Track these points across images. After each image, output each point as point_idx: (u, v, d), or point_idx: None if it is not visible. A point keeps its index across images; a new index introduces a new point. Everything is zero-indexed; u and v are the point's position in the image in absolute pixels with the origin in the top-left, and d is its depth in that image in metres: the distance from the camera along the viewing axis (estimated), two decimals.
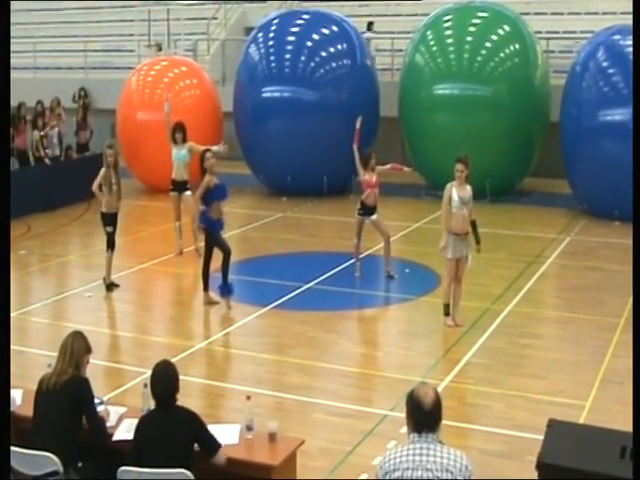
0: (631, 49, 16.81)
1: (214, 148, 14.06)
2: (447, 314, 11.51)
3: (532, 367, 10.28)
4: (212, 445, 6.12)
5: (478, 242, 11.32)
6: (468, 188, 11.25)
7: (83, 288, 13.38)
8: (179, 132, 15.49)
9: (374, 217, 13.68)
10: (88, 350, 6.66)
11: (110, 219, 13.32)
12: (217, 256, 12.38)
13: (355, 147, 13.71)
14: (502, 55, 19.79)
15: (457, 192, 11.14)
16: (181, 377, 6.19)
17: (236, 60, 22.11)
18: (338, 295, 13.16)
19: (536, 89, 19.86)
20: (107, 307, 12.77)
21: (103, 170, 13.12)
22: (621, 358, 10.16)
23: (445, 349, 10.86)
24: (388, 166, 13.88)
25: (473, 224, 11.30)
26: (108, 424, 6.62)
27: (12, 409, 6.74)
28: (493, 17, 20.38)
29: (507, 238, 16.26)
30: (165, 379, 6.05)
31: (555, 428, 6.14)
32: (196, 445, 6.06)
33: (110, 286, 13.28)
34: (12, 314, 12.01)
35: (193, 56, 25.53)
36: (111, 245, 13.37)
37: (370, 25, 24.43)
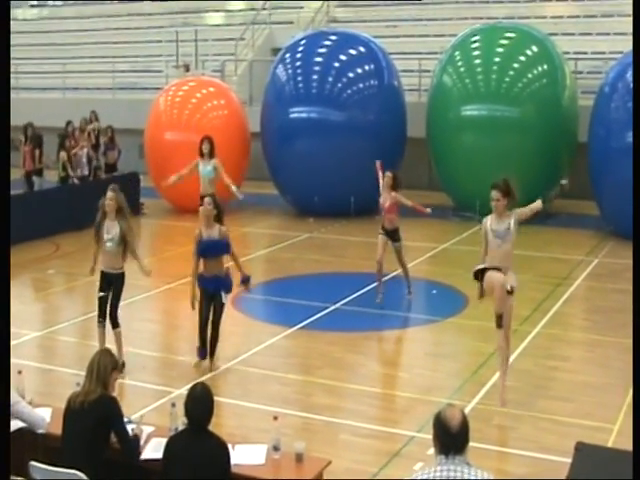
0: None
1: (233, 188, 13.90)
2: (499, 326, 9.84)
3: (559, 389, 10.23)
4: None
5: None
6: (507, 219, 9.52)
7: None
8: (206, 144, 15.59)
9: (397, 244, 13.54)
10: (115, 367, 6.64)
11: (104, 280, 10.74)
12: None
13: (380, 185, 13.52)
14: (530, 76, 19.78)
15: (492, 224, 9.58)
16: None
17: (263, 81, 22.22)
18: (365, 316, 13.14)
19: (564, 110, 19.83)
20: (134, 326, 12.74)
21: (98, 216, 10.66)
22: None
23: (472, 371, 10.81)
24: (410, 203, 13.44)
25: None
26: None
27: (42, 427, 6.81)
28: (521, 37, 20.40)
29: (535, 260, 16.17)
30: (201, 403, 5.97)
31: (583, 451, 6.10)
32: None
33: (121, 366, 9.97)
34: (40, 333, 12.18)
35: (221, 76, 25.68)
36: (102, 314, 10.71)
37: None
